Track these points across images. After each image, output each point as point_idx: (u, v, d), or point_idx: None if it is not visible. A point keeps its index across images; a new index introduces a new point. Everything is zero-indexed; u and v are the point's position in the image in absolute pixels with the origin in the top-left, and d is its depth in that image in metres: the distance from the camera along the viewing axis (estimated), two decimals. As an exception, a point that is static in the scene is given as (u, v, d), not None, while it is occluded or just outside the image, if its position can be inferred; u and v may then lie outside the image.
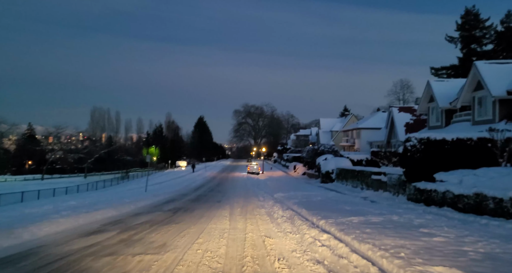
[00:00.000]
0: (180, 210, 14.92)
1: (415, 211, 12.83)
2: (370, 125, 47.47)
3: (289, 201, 17.12)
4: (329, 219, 10.33)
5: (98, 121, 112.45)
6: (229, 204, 17.34)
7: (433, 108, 25.66)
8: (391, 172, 19.69)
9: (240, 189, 27.82)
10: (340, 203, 15.66)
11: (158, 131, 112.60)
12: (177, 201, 18.47)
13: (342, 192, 23.22)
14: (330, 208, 13.63)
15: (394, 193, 18.73)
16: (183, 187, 29.01)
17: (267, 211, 14.92)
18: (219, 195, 22.82)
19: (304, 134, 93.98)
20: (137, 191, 22.74)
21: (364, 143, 46.12)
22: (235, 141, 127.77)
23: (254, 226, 11.02)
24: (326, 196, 19.95)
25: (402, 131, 33.13)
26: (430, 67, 66.44)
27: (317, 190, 24.74)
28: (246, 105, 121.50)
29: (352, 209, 13.26)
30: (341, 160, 32.46)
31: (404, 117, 33.87)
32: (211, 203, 17.77)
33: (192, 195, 22.67)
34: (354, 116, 64.45)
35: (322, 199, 17.81)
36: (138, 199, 17.05)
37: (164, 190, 24.19)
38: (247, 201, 19.18)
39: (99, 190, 32.87)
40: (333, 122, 69.44)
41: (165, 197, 20.25)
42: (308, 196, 19.94)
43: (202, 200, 19.56)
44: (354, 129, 51.07)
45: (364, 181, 23.54)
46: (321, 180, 33.02)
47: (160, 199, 18.86)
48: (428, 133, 16.27)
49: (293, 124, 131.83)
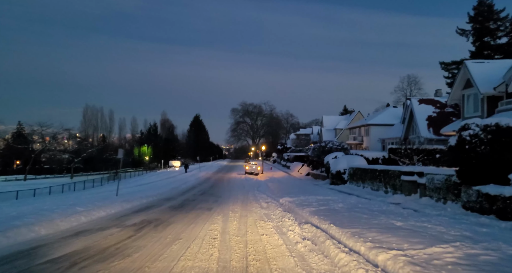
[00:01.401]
0: (149, 225, 10.38)
1: (507, 231, 8.39)
2: (381, 121, 43.10)
3: (303, 210, 12.69)
4: (390, 248, 5.91)
5: (90, 120, 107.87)
6: (223, 214, 12.88)
7: (470, 95, 21.30)
8: (431, 172, 15.27)
9: (237, 192, 23.36)
10: (376, 214, 11.24)
11: (153, 130, 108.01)
12: (153, 209, 13.97)
13: (362, 196, 18.83)
14: (370, 223, 9.22)
15: (438, 199, 14.32)
16: (170, 189, 24.50)
17: (275, 226, 10.47)
18: (211, 200, 18.36)
19: (304, 133, 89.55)
20: (108, 194, 18.23)
21: (374, 140, 41.76)
22: (233, 141, 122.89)
23: (261, 264, 6.50)
24: (348, 202, 15.52)
25: (423, 126, 28.77)
26: (439, 62, 62.31)
27: (331, 194, 20.31)
28: (244, 103, 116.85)
29: (404, 225, 8.83)
30: (354, 158, 28.06)
31: (425, 110, 29.52)
32: (198, 212, 13.31)
33: (177, 199, 18.19)
34: (360, 113, 60.13)
35: (346, 207, 13.39)
36: (98, 207, 12.54)
37: (144, 193, 19.70)
38: (247, 208, 14.74)
39: (76, 192, 28.31)
40: (336, 120, 65.02)
41: (140, 203, 15.75)
42: (325, 202, 15.49)
43: (188, 207, 15.09)
44: (362, 126, 46.69)
45: (390, 183, 19.13)
46: (331, 181, 28.62)
47: (131, 207, 14.35)
48: (498, 118, 11.84)
49: (292, 123, 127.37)
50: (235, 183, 31.34)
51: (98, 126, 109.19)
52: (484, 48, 55.23)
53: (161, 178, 40.69)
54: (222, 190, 24.94)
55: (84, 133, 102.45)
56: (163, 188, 24.73)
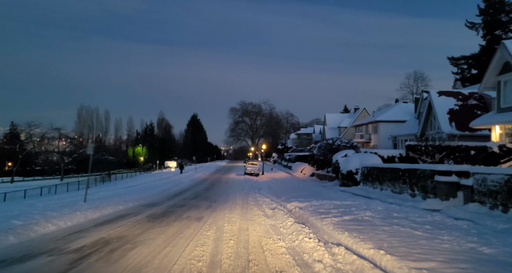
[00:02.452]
0: (102, 249, 7.02)
1: None
2: (391, 118, 39.91)
3: (322, 220, 9.49)
4: None
5: (85, 120, 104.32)
6: (216, 227, 9.66)
7: (508, 81, 18.11)
8: (482, 171, 12.06)
9: (236, 195, 20.15)
10: (429, 229, 8.02)
11: (149, 130, 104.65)
12: (125, 220, 10.71)
13: (385, 200, 15.66)
14: (437, 247, 6.02)
15: (494, 206, 11.11)
16: (158, 192, 21.26)
17: (291, 248, 7.27)
18: (203, 205, 15.14)
19: (306, 133, 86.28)
20: (76, 200, 14.95)
21: (384, 138, 38.58)
22: (232, 141, 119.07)
23: None
24: (374, 208, 12.33)
25: (444, 120, 25.59)
26: (447, 57, 59.34)
27: (346, 197, 17.11)
28: (243, 102, 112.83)
29: (496, 253, 5.60)
30: (367, 156, 24.86)
31: (446, 103, 26.34)
32: (183, 224, 10.08)
33: (162, 205, 14.95)
34: (365, 110, 56.92)
35: (378, 216, 10.19)
36: (49, 219, 9.29)
37: (124, 198, 16.47)
38: (247, 217, 11.52)
39: (50, 196, 25.02)
40: (340, 118, 61.81)
41: (114, 211, 12.49)
42: (345, 208, 12.30)
43: (173, 216, 11.85)
44: (370, 123, 43.49)
45: (418, 185, 15.93)
46: (341, 182, 25.41)
47: (98, 216, 11.09)
48: None
49: (292, 123, 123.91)
50: (233, 185, 28.10)
51: (94, 126, 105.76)
52: (495, 41, 52.09)
53: (153, 179, 37.41)
54: (219, 192, 21.71)
55: (79, 134, 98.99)
56: (150, 191, 21.49)
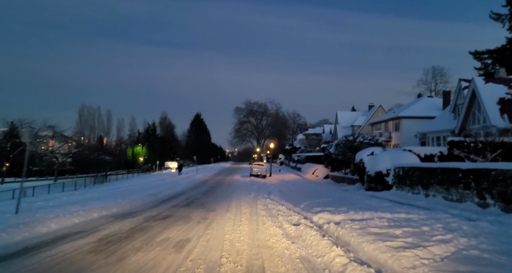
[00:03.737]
0: None
1: None
2: (415, 113, 35.36)
3: (399, 259, 5.10)
4: None
5: (87, 120, 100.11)
6: (207, 266, 5.35)
7: None
8: None
9: (241, 200, 15.85)
10: None
11: (151, 130, 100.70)
12: (49, 251, 6.47)
13: (447, 211, 11.31)
14: None
15: None
16: (145, 196, 17.02)
17: None
18: (195, 217, 10.87)
19: (315, 133, 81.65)
20: (25, 206, 10.74)
21: (408, 136, 34.09)
22: (236, 142, 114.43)
23: None
24: (452, 227, 7.99)
25: (494, 112, 21.13)
26: (470, 52, 54.62)
27: (387, 206, 12.77)
28: (248, 102, 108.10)
29: None
30: (401, 155, 20.47)
31: (495, 91, 21.86)
32: (151, 257, 5.80)
33: (138, 217, 10.71)
34: (382, 107, 52.33)
35: (488, 248, 5.80)
36: None
37: (93, 205, 12.29)
38: (260, 239, 7.26)
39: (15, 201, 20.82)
40: (354, 116, 57.19)
41: (54, 229, 8.32)
42: (409, 225, 7.98)
43: (143, 237, 7.65)
44: (390, 120, 38.93)
45: (494, 191, 11.52)
46: (367, 186, 21.02)
47: (11, 243, 6.83)
48: None
49: (299, 124, 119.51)
50: (238, 188, 23.76)
51: (95, 126, 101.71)
52: (524, 32, 47.42)
53: (148, 180, 33.22)
54: (220, 197, 17.40)
55: (80, 134, 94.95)
56: (135, 195, 17.26)
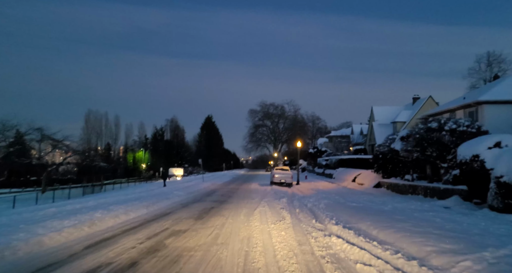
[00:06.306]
0: None
1: None
2: (501, 96, 25.61)
3: None
4: None
5: (93, 126, 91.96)
6: None
7: None
8: None
9: (269, 232, 6.73)
10: None
11: (159, 135, 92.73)
12: None
13: None
14: None
15: None
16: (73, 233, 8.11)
17: None
18: None
19: (340, 135, 71.88)
20: None
21: (494, 126, 24.27)
22: (251, 147, 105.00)
23: None
24: None
25: None
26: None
27: None
28: (263, 103, 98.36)
29: None
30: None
31: None
32: None
33: None
34: (432, 98, 42.68)
35: None
36: None
37: None
38: None
39: None
40: (394, 111, 47.46)
41: None
42: None
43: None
44: (461, 108, 29.02)
45: None
46: (497, 202, 11.59)
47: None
48: None
49: (319, 127, 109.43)
50: (258, 200, 14.58)
51: (103, 133, 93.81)
52: None
53: (138, 191, 24.36)
54: (227, 232, 8.36)
55: (86, 141, 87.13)
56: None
